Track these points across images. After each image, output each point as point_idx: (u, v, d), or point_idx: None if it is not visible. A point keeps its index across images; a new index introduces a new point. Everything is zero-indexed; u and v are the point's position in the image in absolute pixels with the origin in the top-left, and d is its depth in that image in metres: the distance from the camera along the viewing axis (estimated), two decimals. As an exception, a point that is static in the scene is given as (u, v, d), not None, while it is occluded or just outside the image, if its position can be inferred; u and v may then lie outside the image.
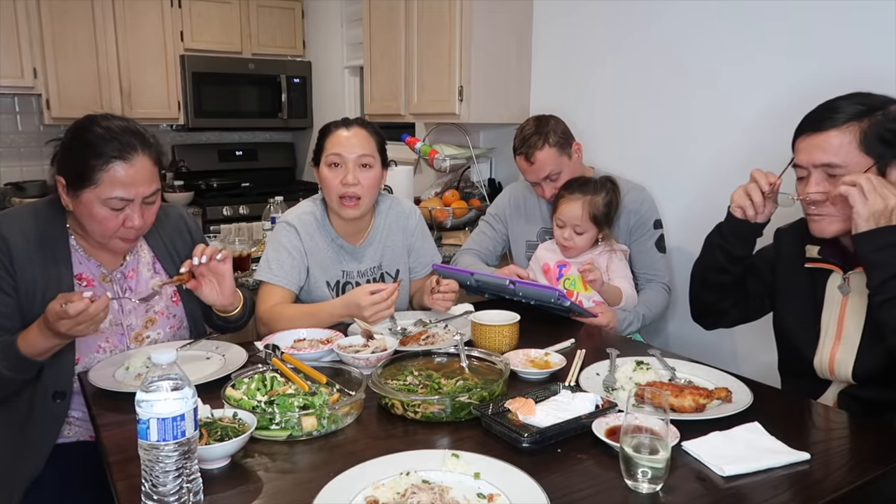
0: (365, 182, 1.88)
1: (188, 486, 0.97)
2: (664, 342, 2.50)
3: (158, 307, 1.71)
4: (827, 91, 1.49)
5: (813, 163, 1.41)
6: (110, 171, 1.48)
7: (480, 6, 2.86)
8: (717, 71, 2.30)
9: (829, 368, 1.48)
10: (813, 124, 1.42)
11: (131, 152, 1.50)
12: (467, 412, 1.27)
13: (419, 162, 3.50)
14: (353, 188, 1.86)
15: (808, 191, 1.42)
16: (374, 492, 1.01)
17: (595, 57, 2.74)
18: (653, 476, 1.02)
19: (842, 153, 1.37)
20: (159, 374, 0.95)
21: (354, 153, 1.87)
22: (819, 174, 1.41)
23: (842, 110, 1.38)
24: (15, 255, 1.53)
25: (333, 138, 1.90)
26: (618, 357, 1.55)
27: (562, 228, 2.11)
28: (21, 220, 1.58)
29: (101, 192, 1.49)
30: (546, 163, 2.18)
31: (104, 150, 1.48)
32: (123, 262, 1.69)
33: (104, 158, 1.48)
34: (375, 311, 1.67)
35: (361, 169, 1.88)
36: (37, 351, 1.45)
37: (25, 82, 3.95)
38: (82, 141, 1.50)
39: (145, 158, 1.53)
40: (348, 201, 1.88)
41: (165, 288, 1.73)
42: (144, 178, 1.53)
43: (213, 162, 4.89)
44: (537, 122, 2.22)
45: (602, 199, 2.08)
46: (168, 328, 1.73)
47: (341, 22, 4.54)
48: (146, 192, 1.54)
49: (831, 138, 1.38)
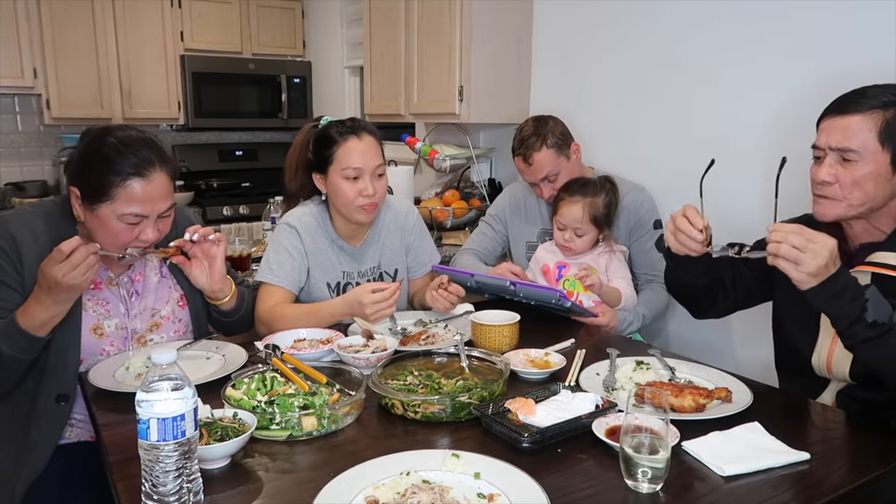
0: (380, 190, 1.91)
1: (188, 486, 0.97)
2: (664, 342, 2.50)
3: (164, 312, 1.71)
4: (827, 91, 1.49)
5: (830, 145, 1.39)
6: (128, 187, 1.47)
7: (480, 6, 2.86)
8: (716, 70, 2.30)
9: (827, 367, 1.48)
10: (839, 107, 1.40)
11: (149, 168, 1.49)
12: (467, 412, 1.27)
13: (419, 162, 3.50)
14: (372, 198, 1.88)
15: (819, 172, 1.40)
16: (375, 492, 1.01)
17: (595, 57, 2.74)
18: (653, 476, 1.02)
19: (859, 139, 1.35)
20: (159, 374, 0.96)
21: (372, 164, 1.89)
22: (833, 157, 1.39)
23: (871, 97, 1.36)
24: (24, 254, 1.52)
25: (346, 150, 1.88)
26: (618, 357, 1.55)
27: (562, 230, 2.11)
28: (31, 221, 1.58)
29: (117, 208, 1.48)
30: (544, 164, 2.18)
31: (122, 166, 1.47)
32: (131, 266, 1.68)
33: (122, 175, 1.47)
34: (377, 309, 1.67)
35: (378, 178, 1.91)
36: (37, 322, 1.43)
37: (25, 82, 3.95)
38: (100, 155, 1.49)
39: (163, 175, 1.52)
40: (370, 207, 1.90)
41: (171, 292, 1.73)
42: (161, 194, 1.52)
43: (213, 162, 4.88)
44: (536, 123, 2.22)
45: (602, 200, 2.08)
46: (173, 332, 1.72)
47: (341, 22, 4.54)
48: (162, 208, 1.54)
49: (853, 123, 1.36)
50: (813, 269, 1.22)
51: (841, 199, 1.40)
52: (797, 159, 2.08)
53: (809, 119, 1.54)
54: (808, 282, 1.24)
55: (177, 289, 1.74)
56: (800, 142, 2.07)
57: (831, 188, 1.40)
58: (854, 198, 1.38)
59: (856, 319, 1.25)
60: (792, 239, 1.23)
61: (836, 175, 1.39)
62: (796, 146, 2.08)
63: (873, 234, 1.45)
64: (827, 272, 1.23)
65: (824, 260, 1.21)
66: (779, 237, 1.24)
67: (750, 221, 2.18)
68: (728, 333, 2.32)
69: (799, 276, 1.23)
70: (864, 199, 1.38)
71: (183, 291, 1.75)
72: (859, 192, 1.37)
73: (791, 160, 2.09)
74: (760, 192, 2.19)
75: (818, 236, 1.23)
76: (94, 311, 1.60)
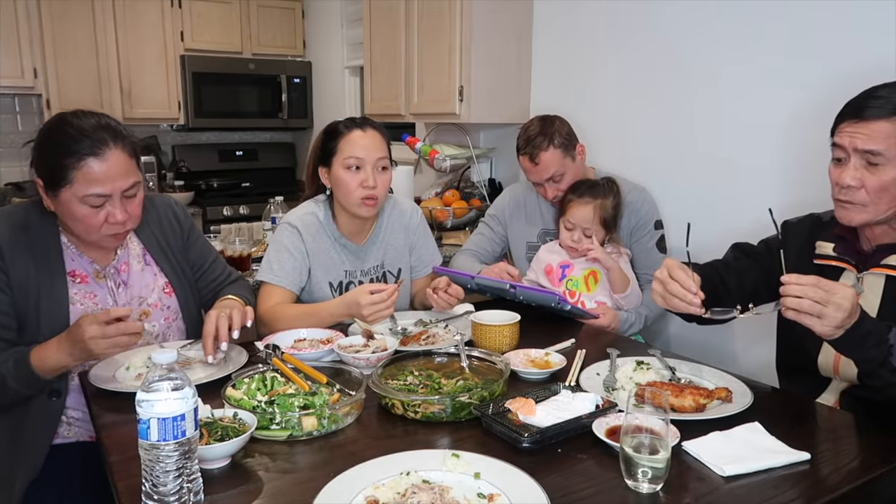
0: (382, 184, 1.90)
1: (188, 486, 0.97)
2: (665, 343, 2.50)
3: (151, 299, 1.71)
4: (828, 91, 1.49)
5: (855, 146, 1.35)
6: (83, 168, 1.47)
7: (480, 6, 2.86)
8: (717, 71, 2.30)
9: (834, 367, 1.47)
10: (858, 112, 1.36)
11: (103, 147, 1.49)
12: (467, 412, 1.27)
13: (419, 162, 3.50)
14: (373, 190, 1.87)
15: (844, 176, 1.37)
16: (375, 492, 1.01)
17: (595, 57, 2.74)
18: (653, 476, 1.02)
19: (887, 142, 1.32)
20: (160, 374, 0.96)
21: (374, 156, 1.88)
22: (859, 159, 1.36)
23: (890, 100, 1.33)
24: (5, 252, 1.53)
25: (349, 140, 1.89)
26: (618, 357, 1.55)
27: (571, 231, 2.11)
28: (10, 219, 1.58)
29: (78, 190, 1.48)
30: (550, 164, 2.17)
31: (75, 148, 1.47)
32: (115, 257, 1.68)
33: (76, 156, 1.47)
34: (374, 310, 1.67)
35: (380, 171, 1.90)
36: (46, 367, 1.45)
37: (25, 82, 3.96)
38: (54, 141, 1.49)
39: (118, 152, 1.51)
40: (370, 200, 1.89)
41: (157, 279, 1.73)
42: (120, 172, 1.51)
43: (213, 162, 4.89)
44: (542, 123, 2.21)
45: (611, 202, 2.10)
46: (163, 319, 1.73)
47: (341, 22, 4.54)
48: (123, 185, 1.52)
49: (879, 127, 1.32)
50: (838, 321, 1.19)
51: (867, 205, 1.37)
52: (798, 160, 2.09)
53: (812, 119, 1.53)
54: (833, 334, 1.22)
55: (161, 276, 1.75)
56: (801, 142, 2.08)
57: (857, 193, 1.37)
58: (882, 203, 1.35)
59: (881, 363, 1.24)
60: (812, 293, 1.19)
61: (861, 179, 1.35)
62: (798, 147, 2.09)
63: (891, 236, 1.43)
64: (850, 321, 1.21)
65: (846, 312, 1.19)
66: (798, 292, 1.20)
67: (752, 223, 2.18)
68: (729, 334, 2.32)
69: (824, 329, 1.20)
70: (890, 203, 1.36)
71: (168, 279, 1.75)
72: (887, 197, 1.35)
73: (792, 161, 2.10)
74: (764, 191, 2.18)
75: (838, 288, 1.20)
76: (81, 305, 1.60)
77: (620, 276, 2.06)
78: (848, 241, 1.48)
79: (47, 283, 1.54)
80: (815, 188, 1.47)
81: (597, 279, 2.12)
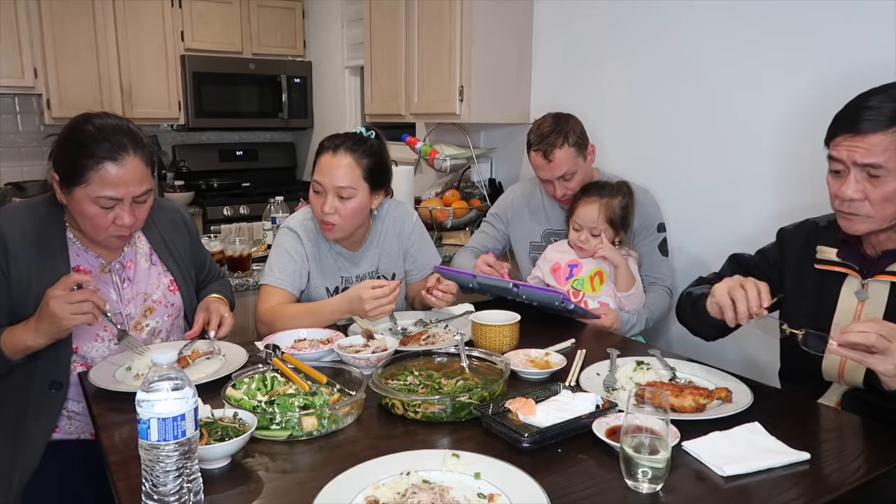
0: (343, 212, 1.86)
1: (188, 486, 0.97)
2: (666, 344, 2.50)
3: (156, 296, 1.74)
4: (831, 92, 1.47)
5: (854, 160, 1.33)
6: (101, 171, 1.50)
7: (481, 6, 2.86)
8: (719, 71, 2.30)
9: (839, 373, 1.46)
10: (852, 125, 1.33)
11: (122, 153, 1.52)
12: (468, 412, 1.27)
13: (419, 162, 3.50)
14: (329, 217, 1.86)
15: (846, 189, 1.35)
16: (375, 492, 1.01)
17: (596, 57, 2.74)
18: (653, 476, 1.02)
19: (886, 155, 1.30)
20: (160, 374, 0.96)
21: (333, 184, 1.85)
22: (859, 172, 1.34)
23: (883, 111, 1.30)
24: (10, 249, 1.55)
25: (320, 161, 1.88)
26: (618, 357, 1.55)
27: (578, 231, 2.11)
28: (19, 216, 1.61)
29: (91, 191, 1.51)
30: (563, 162, 2.16)
31: (95, 150, 1.50)
32: (122, 253, 1.71)
33: (95, 159, 1.49)
34: (376, 305, 1.67)
35: (340, 199, 1.85)
36: (14, 345, 1.48)
37: (26, 82, 3.95)
38: (75, 140, 1.52)
39: (136, 159, 1.54)
40: (326, 226, 1.89)
41: (162, 278, 1.76)
42: (135, 178, 1.54)
43: (213, 162, 4.89)
44: (556, 120, 2.19)
45: (619, 202, 2.09)
46: (166, 317, 1.75)
47: (341, 22, 4.54)
48: (136, 191, 1.55)
49: (876, 140, 1.30)
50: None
51: (872, 216, 1.35)
52: (799, 162, 2.09)
53: (815, 120, 1.51)
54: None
55: (166, 274, 1.77)
56: (802, 142, 2.07)
57: (860, 205, 1.36)
58: (887, 213, 1.34)
59: None
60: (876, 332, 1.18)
61: (864, 192, 1.34)
62: (799, 147, 2.09)
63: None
64: None
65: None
66: (865, 328, 1.19)
67: (753, 225, 2.18)
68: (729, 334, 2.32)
69: (886, 367, 1.19)
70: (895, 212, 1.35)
71: (173, 277, 1.78)
72: (892, 206, 1.34)
73: (793, 163, 2.10)
74: (765, 193, 2.19)
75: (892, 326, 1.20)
76: None
77: (627, 274, 2.06)
78: (852, 246, 1.47)
79: (49, 279, 1.54)
80: (822, 192, 1.45)
81: (602, 279, 2.12)
